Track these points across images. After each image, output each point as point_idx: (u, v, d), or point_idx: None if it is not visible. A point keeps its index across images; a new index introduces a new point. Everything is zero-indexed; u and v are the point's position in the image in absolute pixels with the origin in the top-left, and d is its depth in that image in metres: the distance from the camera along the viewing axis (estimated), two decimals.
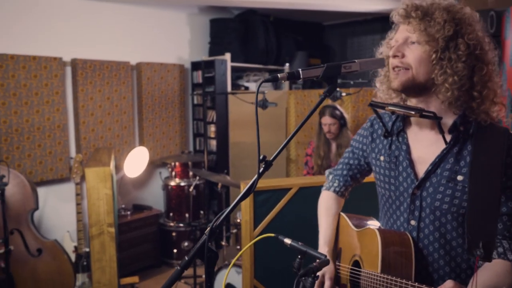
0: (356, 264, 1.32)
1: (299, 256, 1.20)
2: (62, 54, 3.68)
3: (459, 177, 1.13)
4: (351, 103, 3.87)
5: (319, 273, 1.25)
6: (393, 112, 1.19)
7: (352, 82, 3.46)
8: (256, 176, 1.06)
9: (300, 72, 1.04)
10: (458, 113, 1.16)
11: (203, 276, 3.57)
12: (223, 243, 3.59)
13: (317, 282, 1.30)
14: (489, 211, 1.04)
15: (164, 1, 4.26)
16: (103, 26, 3.99)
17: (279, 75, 1.04)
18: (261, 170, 1.04)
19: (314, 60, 5.74)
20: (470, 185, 1.09)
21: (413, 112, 1.14)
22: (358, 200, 1.70)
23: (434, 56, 1.13)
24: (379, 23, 5.24)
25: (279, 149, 1.04)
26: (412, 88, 1.17)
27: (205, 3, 4.54)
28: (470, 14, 1.16)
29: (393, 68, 1.19)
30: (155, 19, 4.38)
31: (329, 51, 5.98)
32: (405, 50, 1.17)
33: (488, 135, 1.12)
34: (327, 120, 3.24)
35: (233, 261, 1.40)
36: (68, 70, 3.76)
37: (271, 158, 1.07)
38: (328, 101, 3.41)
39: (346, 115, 3.32)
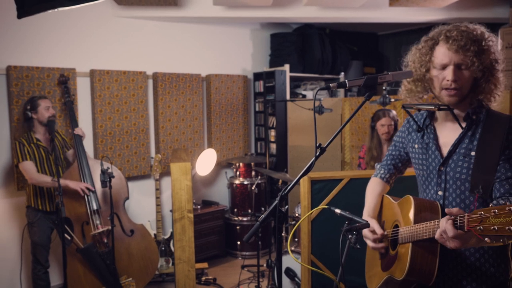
0: (396, 227, 1.66)
1: (346, 222, 1.60)
2: (146, 69, 4.31)
3: (472, 153, 1.47)
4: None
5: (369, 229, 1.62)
6: (419, 110, 1.55)
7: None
8: (314, 158, 1.48)
9: (347, 82, 1.45)
10: (473, 105, 1.50)
11: (264, 265, 4.01)
12: (283, 234, 4.00)
13: (370, 232, 1.66)
14: (489, 167, 1.41)
15: (230, 19, 4.79)
16: (178, 43, 4.60)
17: (331, 84, 1.46)
18: (317, 154, 1.46)
19: (368, 69, 6.00)
20: (476, 152, 1.45)
21: (432, 107, 1.52)
22: (401, 192, 2.02)
23: (476, 75, 1.46)
24: None
25: (332, 136, 1.45)
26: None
27: (266, 20, 5.03)
28: (496, 40, 1.49)
29: (447, 89, 1.46)
30: (222, 35, 4.94)
31: (384, 59, 6.22)
32: (458, 75, 1.44)
33: (495, 120, 1.47)
34: (387, 121, 3.46)
35: (293, 229, 1.80)
36: (150, 82, 4.39)
37: (324, 145, 1.48)
38: (381, 107, 3.70)
39: (398, 118, 3.61)
